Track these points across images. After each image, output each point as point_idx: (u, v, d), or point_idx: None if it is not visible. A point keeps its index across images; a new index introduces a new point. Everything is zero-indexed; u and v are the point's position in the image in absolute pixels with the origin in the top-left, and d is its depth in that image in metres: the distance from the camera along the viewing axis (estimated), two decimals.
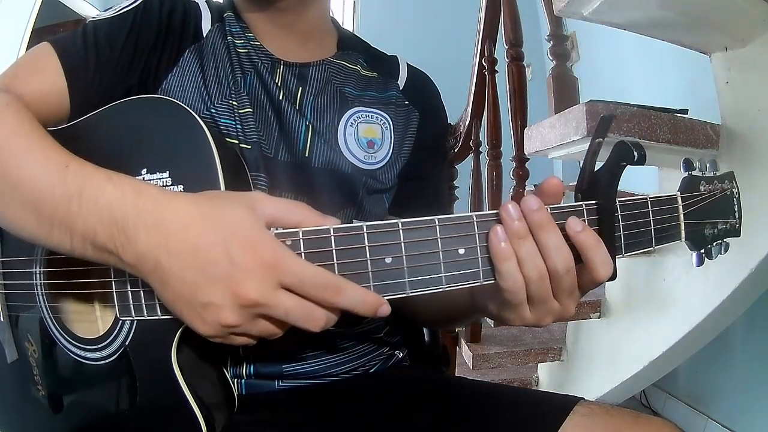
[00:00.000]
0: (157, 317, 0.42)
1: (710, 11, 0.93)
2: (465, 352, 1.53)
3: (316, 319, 0.36)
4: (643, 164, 0.38)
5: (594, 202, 0.40)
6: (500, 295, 0.40)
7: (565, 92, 1.39)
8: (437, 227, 0.38)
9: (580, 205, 0.40)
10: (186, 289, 0.36)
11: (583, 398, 0.53)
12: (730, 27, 0.97)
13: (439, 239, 0.38)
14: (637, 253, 0.42)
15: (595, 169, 0.41)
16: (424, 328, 0.75)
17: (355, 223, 0.38)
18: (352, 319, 0.39)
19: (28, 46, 2.81)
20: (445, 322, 0.68)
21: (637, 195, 0.43)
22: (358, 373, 0.63)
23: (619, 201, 0.41)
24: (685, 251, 0.45)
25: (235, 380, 0.57)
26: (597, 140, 0.41)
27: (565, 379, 1.52)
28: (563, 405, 0.51)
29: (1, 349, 0.54)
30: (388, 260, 0.38)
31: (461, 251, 0.38)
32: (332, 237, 0.38)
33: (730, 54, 1.02)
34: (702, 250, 0.46)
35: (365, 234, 0.38)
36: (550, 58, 1.48)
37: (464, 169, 1.98)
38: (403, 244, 0.38)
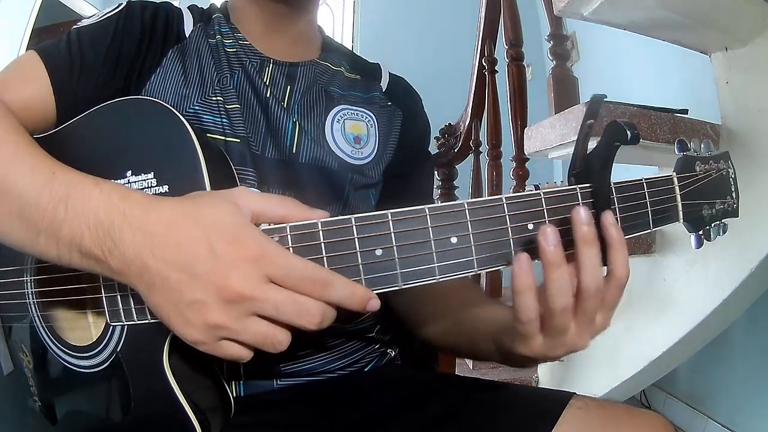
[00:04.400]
0: (147, 321, 0.41)
1: (710, 11, 0.93)
2: None
3: (311, 315, 0.35)
4: (636, 143, 0.37)
5: (588, 185, 0.39)
6: (513, 326, 0.39)
7: (565, 92, 1.40)
8: (428, 216, 0.37)
9: (574, 189, 0.39)
10: (172, 290, 0.35)
11: (575, 393, 0.53)
12: (730, 27, 0.97)
13: (430, 228, 0.37)
14: (637, 253, 0.42)
15: (588, 152, 0.40)
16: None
17: (344, 216, 0.37)
18: (346, 316, 0.39)
19: (28, 46, 2.82)
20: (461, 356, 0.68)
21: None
22: (353, 370, 0.63)
23: (614, 184, 0.40)
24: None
25: (233, 382, 0.57)
26: (588, 122, 0.40)
27: (565, 379, 1.52)
28: (559, 399, 0.52)
29: None
30: (379, 252, 0.37)
31: (454, 240, 0.37)
32: (320, 231, 0.37)
33: (730, 54, 1.02)
34: (700, 232, 0.45)
35: (354, 226, 0.36)
36: (550, 58, 1.48)
37: (464, 169, 1.98)
38: (393, 234, 0.37)
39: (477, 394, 0.57)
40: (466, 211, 0.37)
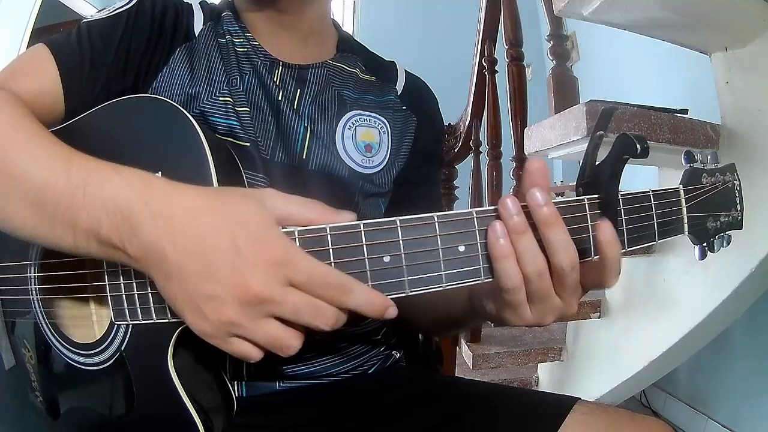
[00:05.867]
0: (152, 321, 0.41)
1: (710, 11, 0.93)
2: (465, 352, 1.53)
3: (327, 317, 0.35)
4: (646, 157, 0.38)
5: (596, 196, 0.40)
6: (500, 295, 0.39)
7: (565, 92, 1.40)
8: (436, 224, 0.37)
9: (582, 200, 0.39)
10: (189, 281, 0.34)
11: (580, 398, 0.53)
12: (730, 27, 0.97)
13: (438, 236, 0.37)
14: (637, 253, 0.42)
15: (597, 163, 0.40)
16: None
17: (353, 222, 0.37)
18: (354, 320, 0.39)
19: (28, 47, 2.81)
20: (445, 328, 0.67)
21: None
22: (357, 373, 0.62)
23: (621, 195, 0.40)
24: (685, 250, 0.44)
25: (235, 382, 0.57)
26: (598, 133, 0.40)
27: (565, 379, 1.52)
28: (563, 404, 0.52)
29: None
30: (387, 259, 0.37)
31: (461, 248, 0.37)
32: (329, 235, 0.36)
33: (730, 54, 1.02)
34: (704, 244, 0.45)
35: (362, 232, 0.36)
36: (550, 58, 1.48)
37: (464, 169, 1.98)
38: (401, 242, 0.37)
39: (479, 398, 0.56)
40: (475, 219, 0.38)
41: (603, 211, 0.39)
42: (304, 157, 0.58)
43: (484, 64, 1.75)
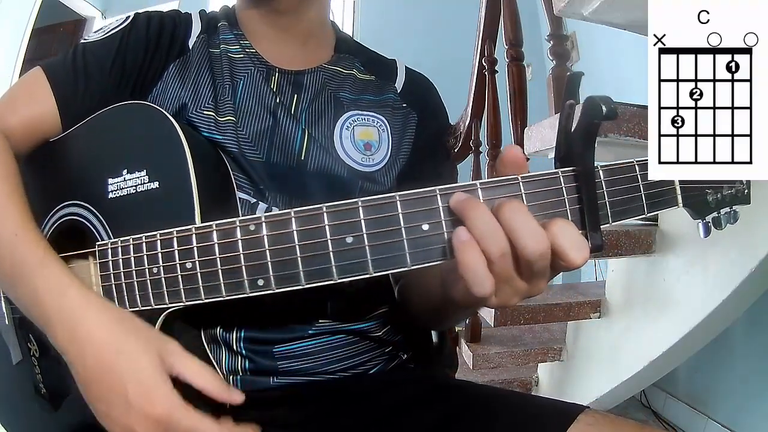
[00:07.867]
0: (137, 308, 0.44)
1: None
2: (465, 352, 1.53)
3: None
4: (614, 118, 0.35)
5: (571, 168, 0.37)
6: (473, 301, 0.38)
7: None
8: (398, 203, 0.37)
9: (556, 173, 0.37)
10: (93, 400, 0.41)
11: (588, 407, 0.52)
12: None
13: (400, 215, 0.36)
14: (637, 253, 0.41)
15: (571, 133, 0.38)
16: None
17: (315, 205, 0.38)
18: (345, 317, 0.39)
19: (28, 47, 2.82)
20: (433, 320, 0.64)
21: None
22: (357, 372, 0.62)
23: (603, 166, 0.38)
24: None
25: (230, 376, 0.57)
26: (568, 102, 0.38)
27: (565, 379, 1.52)
28: (567, 413, 0.50)
29: (5, 352, 0.55)
30: (350, 240, 0.37)
31: (425, 227, 0.36)
32: (293, 219, 0.38)
33: None
34: (707, 219, 0.42)
35: (324, 214, 0.37)
36: (550, 58, 1.48)
37: (464, 169, 1.98)
38: (363, 221, 0.37)
39: (480, 401, 0.56)
40: (438, 197, 0.37)
41: (580, 182, 0.37)
42: (303, 158, 0.58)
43: (484, 64, 1.75)
